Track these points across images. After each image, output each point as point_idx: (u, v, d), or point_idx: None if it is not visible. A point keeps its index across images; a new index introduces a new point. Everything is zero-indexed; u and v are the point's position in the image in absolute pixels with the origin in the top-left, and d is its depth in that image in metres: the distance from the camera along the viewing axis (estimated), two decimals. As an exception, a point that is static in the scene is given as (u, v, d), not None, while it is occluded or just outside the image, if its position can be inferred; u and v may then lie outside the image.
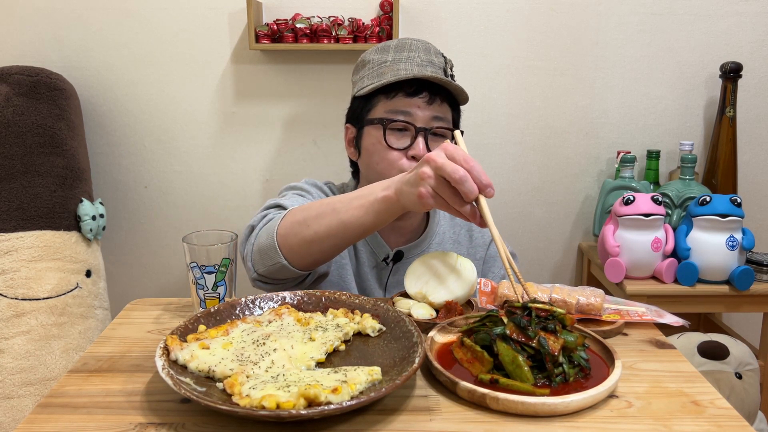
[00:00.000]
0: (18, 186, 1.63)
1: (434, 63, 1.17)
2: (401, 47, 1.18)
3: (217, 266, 0.93)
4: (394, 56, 1.17)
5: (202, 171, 1.98)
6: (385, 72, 1.16)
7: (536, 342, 0.77)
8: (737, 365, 1.51)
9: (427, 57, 1.17)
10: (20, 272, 1.60)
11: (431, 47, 1.20)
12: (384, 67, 1.17)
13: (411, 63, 1.16)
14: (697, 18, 1.88)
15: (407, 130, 1.16)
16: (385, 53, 1.19)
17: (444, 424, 0.70)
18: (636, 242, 1.60)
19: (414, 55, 1.17)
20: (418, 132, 1.15)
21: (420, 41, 1.20)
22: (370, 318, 0.89)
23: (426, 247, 1.28)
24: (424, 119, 1.15)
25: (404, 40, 1.20)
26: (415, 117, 1.15)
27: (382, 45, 1.21)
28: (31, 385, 1.57)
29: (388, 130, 1.16)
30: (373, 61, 1.20)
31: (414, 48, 1.18)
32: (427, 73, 1.13)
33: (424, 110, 1.15)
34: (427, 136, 1.15)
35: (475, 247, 1.32)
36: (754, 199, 1.98)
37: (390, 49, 1.19)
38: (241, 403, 0.67)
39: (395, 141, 1.16)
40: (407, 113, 1.15)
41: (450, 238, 1.31)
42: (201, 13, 1.86)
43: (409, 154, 1.16)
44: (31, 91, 1.70)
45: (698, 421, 0.71)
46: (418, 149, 1.14)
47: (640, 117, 1.95)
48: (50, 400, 0.75)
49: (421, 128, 1.15)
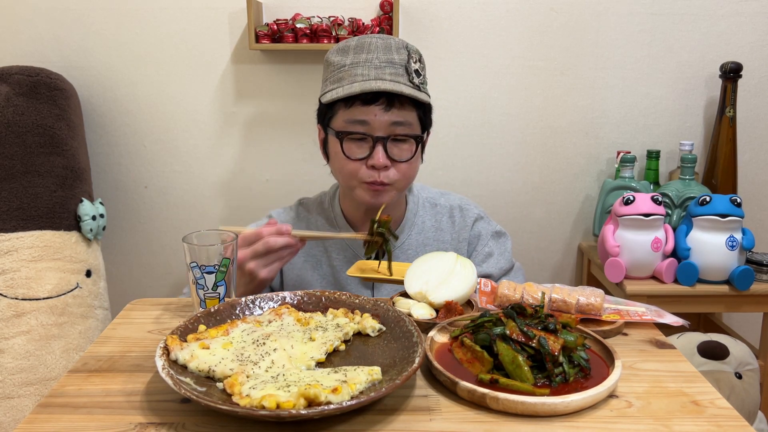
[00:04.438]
0: (18, 186, 1.63)
1: (394, 62, 1.13)
2: (360, 48, 1.14)
3: (217, 266, 0.93)
4: (353, 59, 1.14)
5: (202, 171, 1.98)
6: (343, 77, 1.14)
7: (536, 342, 0.77)
8: (737, 365, 1.51)
9: (386, 56, 1.13)
10: (20, 272, 1.60)
11: (392, 43, 1.15)
12: (342, 71, 1.14)
13: (369, 66, 1.13)
14: (697, 18, 1.88)
15: (365, 140, 1.15)
16: (344, 55, 1.15)
17: (444, 424, 0.70)
18: (636, 242, 1.60)
19: (372, 57, 1.13)
20: (376, 141, 1.14)
21: (381, 38, 1.16)
22: (370, 318, 0.89)
23: (406, 238, 1.28)
24: (382, 126, 1.13)
25: (364, 39, 1.16)
26: (373, 125, 1.13)
27: (342, 45, 1.17)
28: (32, 385, 1.57)
29: (345, 142, 1.16)
30: (333, 64, 1.17)
31: (373, 48, 1.14)
32: (384, 84, 1.10)
33: (382, 116, 1.13)
34: (386, 144, 1.14)
35: (458, 230, 1.32)
36: (754, 199, 1.98)
37: (349, 50, 1.15)
38: (241, 403, 0.67)
39: (354, 151, 1.15)
40: (365, 122, 1.13)
41: (432, 226, 1.31)
42: (201, 13, 1.86)
43: (368, 163, 1.15)
44: (31, 91, 1.70)
45: (698, 421, 0.71)
46: (376, 159, 1.13)
47: (640, 117, 1.95)
48: (50, 400, 0.75)
49: (379, 137, 1.13)
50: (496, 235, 1.33)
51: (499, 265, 1.30)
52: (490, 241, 1.31)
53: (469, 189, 1.97)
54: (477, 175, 1.98)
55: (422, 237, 1.29)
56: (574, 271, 2.08)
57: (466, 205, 1.34)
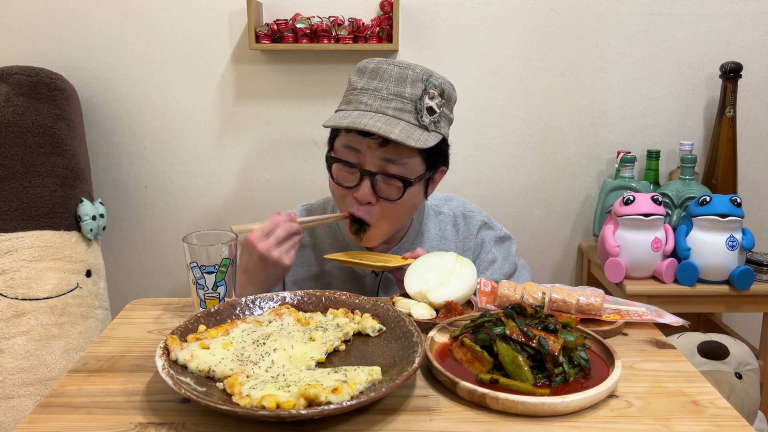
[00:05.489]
0: (18, 186, 1.63)
1: (404, 96, 1.07)
2: (375, 73, 1.10)
3: (217, 266, 0.93)
4: (365, 83, 1.10)
5: (202, 171, 1.98)
6: (350, 101, 1.11)
7: (536, 342, 0.77)
8: (737, 365, 1.51)
9: (397, 89, 1.08)
10: (20, 272, 1.60)
11: (410, 74, 1.08)
12: (352, 95, 1.11)
13: (375, 97, 1.08)
14: (697, 18, 1.88)
15: (355, 167, 1.11)
16: (360, 76, 1.11)
17: (444, 424, 0.70)
18: (636, 242, 1.60)
19: (382, 86, 1.08)
20: (363, 175, 1.11)
21: (400, 66, 1.09)
22: (370, 318, 0.89)
23: (411, 248, 1.26)
24: (374, 160, 1.09)
25: (382, 65, 1.10)
26: (364, 158, 1.10)
27: (363, 64, 1.13)
28: (32, 385, 1.57)
29: (334, 166, 1.14)
30: (350, 83, 1.13)
31: (387, 77, 1.08)
32: (377, 123, 1.04)
33: (375, 151, 1.09)
34: (374, 179, 1.11)
35: (463, 239, 1.31)
36: (754, 199, 1.98)
37: (365, 73, 1.11)
38: (241, 403, 0.67)
39: (344, 178, 1.14)
40: (358, 152, 1.10)
41: (436, 235, 1.29)
42: (201, 13, 1.86)
43: (353, 195, 1.12)
44: (31, 91, 1.70)
45: (698, 421, 0.71)
46: (360, 193, 1.10)
47: (640, 117, 1.95)
48: (50, 400, 0.75)
49: (367, 172, 1.10)
50: (500, 240, 1.31)
51: (503, 271, 1.29)
52: (494, 248, 1.30)
53: (469, 189, 1.97)
54: (477, 175, 1.98)
55: (427, 246, 1.28)
56: (574, 271, 2.08)
57: (470, 212, 1.32)
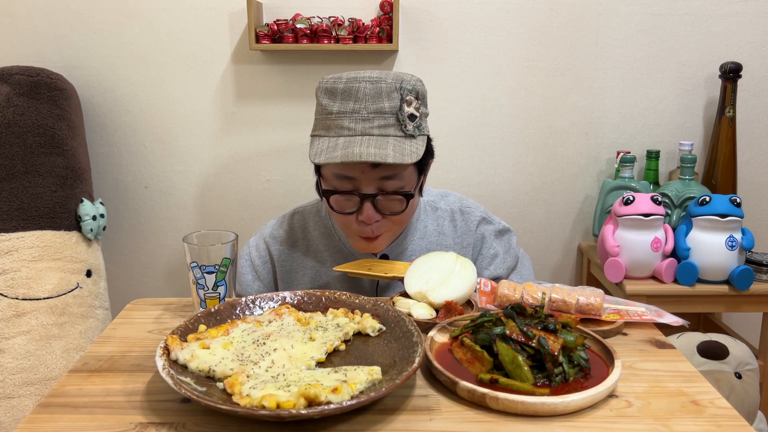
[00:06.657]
0: (18, 186, 1.63)
1: (384, 111, 1.05)
2: (348, 94, 1.05)
3: (217, 266, 0.93)
4: (340, 106, 1.06)
5: (202, 171, 1.98)
6: (330, 127, 1.07)
7: (536, 342, 0.77)
8: (737, 365, 1.51)
9: (375, 105, 1.05)
10: (21, 272, 1.60)
11: (383, 87, 1.05)
12: (329, 120, 1.07)
13: (356, 119, 1.05)
14: (697, 18, 1.88)
15: (353, 193, 1.10)
16: (332, 98, 1.07)
17: (444, 423, 0.70)
18: (636, 242, 1.60)
19: (360, 107, 1.05)
20: (363, 199, 1.09)
21: (371, 80, 1.06)
22: (370, 318, 0.89)
23: (408, 244, 1.26)
24: (370, 182, 1.08)
25: (352, 84, 1.06)
26: (360, 182, 1.08)
27: (330, 85, 1.08)
28: (32, 385, 1.57)
29: (332, 198, 1.12)
30: (321, 106, 1.09)
31: (362, 96, 1.05)
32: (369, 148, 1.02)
33: (369, 174, 1.07)
34: (374, 200, 1.09)
35: (461, 235, 1.30)
36: (753, 199, 1.98)
37: (337, 94, 1.06)
38: (242, 402, 0.67)
39: (344, 205, 1.12)
40: (352, 179, 1.08)
41: (434, 231, 1.28)
42: (201, 13, 1.86)
43: (358, 218, 1.11)
44: (31, 92, 1.70)
45: (698, 421, 0.71)
46: (365, 215, 1.09)
47: (640, 117, 1.95)
48: (51, 400, 0.75)
49: (366, 195, 1.09)
50: (500, 234, 1.31)
51: (506, 264, 1.28)
52: (494, 242, 1.30)
53: (469, 189, 1.97)
54: (477, 175, 1.98)
55: (425, 242, 1.27)
56: (574, 271, 2.08)
57: (467, 208, 1.31)
